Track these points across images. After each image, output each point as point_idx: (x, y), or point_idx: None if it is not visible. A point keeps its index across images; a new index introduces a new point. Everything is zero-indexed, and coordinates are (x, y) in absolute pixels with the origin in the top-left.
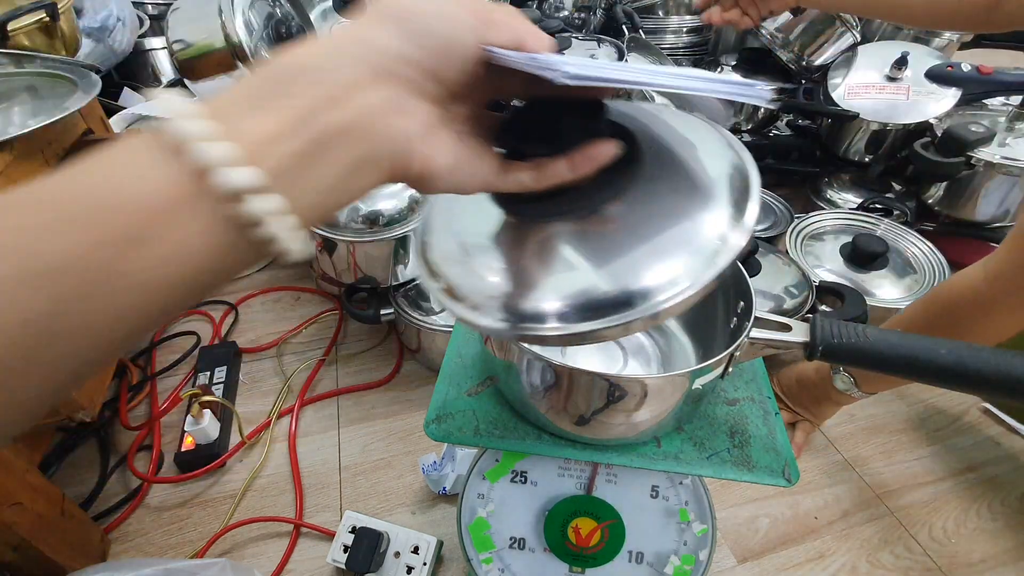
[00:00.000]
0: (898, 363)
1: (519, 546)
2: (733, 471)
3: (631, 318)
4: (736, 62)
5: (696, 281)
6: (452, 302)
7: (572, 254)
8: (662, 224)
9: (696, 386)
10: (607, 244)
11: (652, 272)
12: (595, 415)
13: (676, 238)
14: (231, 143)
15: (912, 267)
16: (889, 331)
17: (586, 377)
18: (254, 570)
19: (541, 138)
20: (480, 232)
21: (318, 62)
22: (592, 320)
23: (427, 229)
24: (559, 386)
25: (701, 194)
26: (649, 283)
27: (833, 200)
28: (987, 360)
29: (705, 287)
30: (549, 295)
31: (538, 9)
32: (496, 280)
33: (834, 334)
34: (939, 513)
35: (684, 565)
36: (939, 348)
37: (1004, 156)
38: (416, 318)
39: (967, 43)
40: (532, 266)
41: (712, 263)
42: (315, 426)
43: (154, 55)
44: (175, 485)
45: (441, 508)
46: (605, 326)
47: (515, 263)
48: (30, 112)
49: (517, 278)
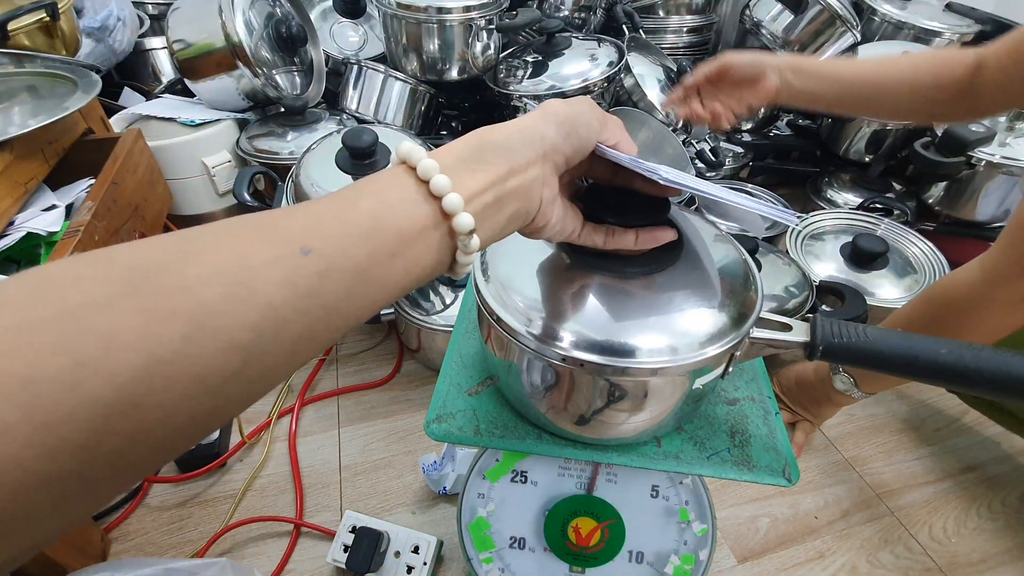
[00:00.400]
0: (899, 363)
1: (519, 546)
2: (733, 471)
3: (614, 364)
4: None
5: (675, 362)
6: (493, 301)
7: (598, 302)
8: (673, 310)
9: (696, 385)
10: (625, 306)
11: (646, 340)
12: (595, 415)
13: (678, 327)
14: (459, 195)
15: (912, 267)
16: (889, 331)
17: (586, 376)
18: (254, 570)
19: (614, 210)
20: (537, 260)
21: (509, 144)
22: (587, 353)
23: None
24: (559, 385)
25: (712, 300)
26: (640, 346)
27: (833, 200)
28: (987, 359)
29: (681, 369)
30: (567, 323)
31: (538, 9)
32: (535, 297)
33: (835, 334)
34: (939, 513)
35: (684, 565)
36: (939, 348)
37: (1004, 156)
38: (416, 318)
39: (967, 43)
40: (565, 298)
41: (694, 355)
42: (315, 426)
43: (154, 55)
44: (175, 485)
45: (441, 508)
46: (594, 361)
47: (555, 291)
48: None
49: (551, 301)
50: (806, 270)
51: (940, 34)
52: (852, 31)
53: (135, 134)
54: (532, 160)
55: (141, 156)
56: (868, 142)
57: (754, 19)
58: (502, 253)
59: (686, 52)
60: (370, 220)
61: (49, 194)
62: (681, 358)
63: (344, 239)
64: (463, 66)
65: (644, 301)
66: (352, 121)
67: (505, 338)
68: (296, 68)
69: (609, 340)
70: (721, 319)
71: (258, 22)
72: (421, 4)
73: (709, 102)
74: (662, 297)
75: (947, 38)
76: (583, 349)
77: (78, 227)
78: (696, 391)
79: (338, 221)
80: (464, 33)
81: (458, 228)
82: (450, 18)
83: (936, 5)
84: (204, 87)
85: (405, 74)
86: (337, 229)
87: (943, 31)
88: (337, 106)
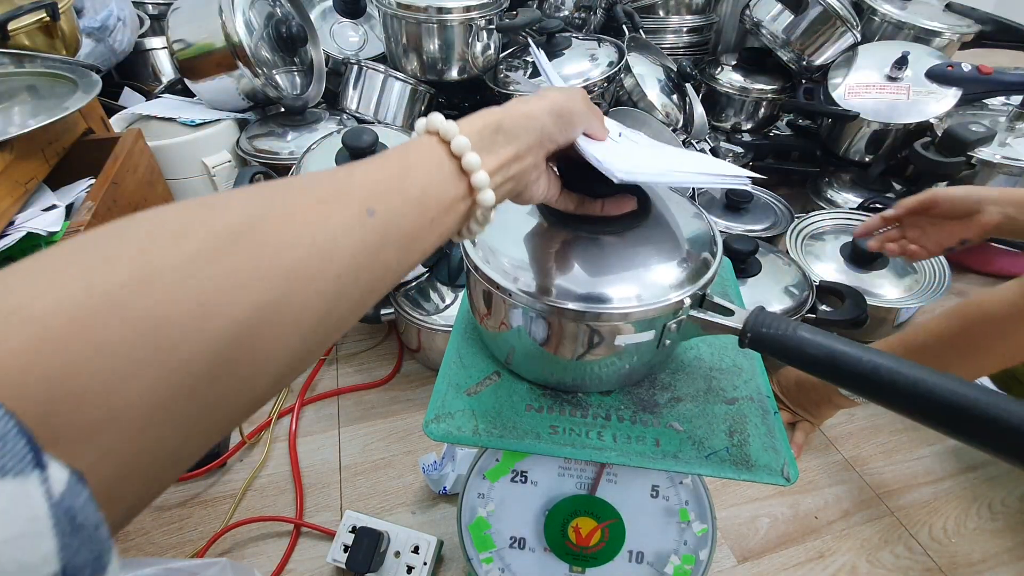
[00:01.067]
0: (820, 364)
1: (519, 546)
2: (732, 470)
3: (587, 310)
4: (736, 62)
5: (641, 305)
6: (484, 264)
7: (573, 256)
8: (639, 262)
9: (619, 343)
10: (598, 258)
11: (616, 289)
12: (580, 356)
13: (643, 277)
14: (487, 174)
15: (912, 267)
16: (821, 332)
17: (570, 323)
18: (254, 570)
19: (586, 180)
20: (519, 226)
21: (517, 131)
22: (564, 301)
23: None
24: (550, 334)
25: (674, 256)
26: (610, 294)
27: (833, 200)
28: (903, 374)
29: (643, 313)
30: (547, 275)
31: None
32: (519, 256)
33: (765, 324)
34: (939, 513)
35: (684, 565)
36: (860, 355)
37: (1004, 156)
38: (416, 318)
39: (967, 43)
40: (545, 255)
41: (657, 302)
42: (315, 426)
43: (154, 55)
44: (175, 484)
45: (441, 508)
46: (571, 308)
47: (535, 250)
48: (30, 112)
49: (533, 259)
50: (806, 270)
51: (940, 34)
52: (852, 31)
53: (135, 134)
54: (532, 147)
55: (141, 156)
56: (868, 142)
57: (754, 19)
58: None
59: (686, 52)
60: (420, 191)
61: (49, 194)
62: (640, 305)
63: (400, 206)
64: (463, 66)
65: (602, 258)
66: (352, 121)
67: (492, 293)
68: (296, 68)
69: (588, 291)
70: (679, 274)
71: (258, 22)
72: (421, 4)
73: (913, 234)
74: (629, 252)
75: (947, 38)
76: (565, 299)
77: (78, 227)
78: (626, 349)
79: (395, 190)
80: (464, 33)
81: (482, 203)
82: (450, 18)
83: (936, 5)
84: (204, 87)
85: (405, 74)
86: (395, 197)
87: (943, 31)
88: (337, 106)
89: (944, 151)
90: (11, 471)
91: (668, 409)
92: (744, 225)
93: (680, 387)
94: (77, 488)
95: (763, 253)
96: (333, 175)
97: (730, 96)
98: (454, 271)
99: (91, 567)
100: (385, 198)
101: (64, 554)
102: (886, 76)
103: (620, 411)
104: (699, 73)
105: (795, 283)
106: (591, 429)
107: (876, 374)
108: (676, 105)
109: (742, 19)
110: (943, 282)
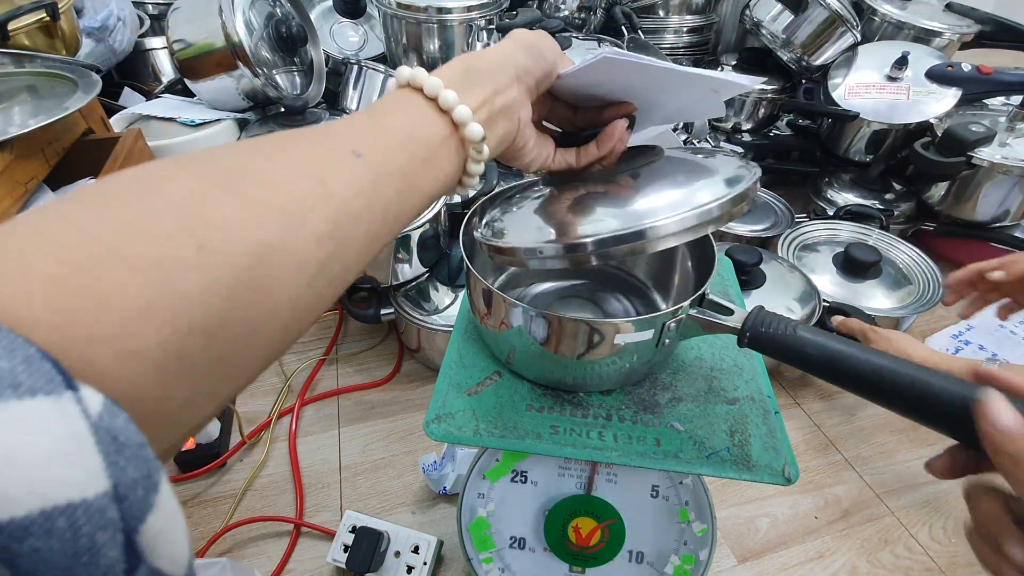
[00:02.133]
0: (820, 365)
1: (519, 546)
2: (733, 470)
3: (625, 235)
4: (736, 62)
5: (681, 221)
6: (496, 240)
7: (590, 202)
8: (666, 189)
9: (618, 342)
10: (617, 198)
11: (648, 215)
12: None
13: (674, 200)
14: (467, 107)
15: (906, 277)
16: (821, 332)
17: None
18: (254, 570)
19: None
20: (532, 199)
21: (491, 69)
22: (595, 239)
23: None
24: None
25: (702, 178)
26: (646, 221)
27: (833, 200)
28: (902, 375)
29: (686, 230)
30: (571, 226)
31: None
32: (538, 222)
33: (764, 324)
34: (939, 513)
35: (684, 565)
36: (860, 355)
37: (1004, 156)
38: (416, 318)
39: (967, 43)
40: (561, 211)
41: (696, 220)
42: (315, 426)
43: (154, 55)
44: (175, 484)
45: (441, 508)
46: (606, 239)
47: (550, 212)
48: (30, 112)
49: (551, 219)
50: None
51: (940, 34)
52: (852, 31)
53: (135, 134)
54: (510, 82)
55: (141, 156)
56: (868, 142)
57: (754, 19)
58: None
59: (686, 52)
60: (403, 131)
61: (49, 194)
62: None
63: (387, 148)
64: None
65: (621, 196)
66: None
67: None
68: (296, 68)
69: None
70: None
71: (258, 22)
72: (421, 4)
73: (1008, 293)
74: (643, 189)
75: (947, 38)
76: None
77: None
78: (626, 348)
79: (377, 132)
80: (464, 33)
81: (470, 136)
82: (450, 18)
83: (936, 5)
84: (204, 87)
85: None
86: (379, 139)
87: (943, 31)
88: (337, 106)
89: (944, 151)
90: (42, 390)
91: (669, 409)
92: (745, 225)
93: (681, 387)
94: (114, 410)
95: (767, 261)
96: (312, 129)
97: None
98: (454, 271)
99: (143, 485)
100: (369, 142)
101: (112, 471)
102: (886, 76)
103: (621, 411)
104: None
105: (800, 295)
106: (592, 429)
107: (876, 375)
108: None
109: (742, 19)
110: (937, 291)
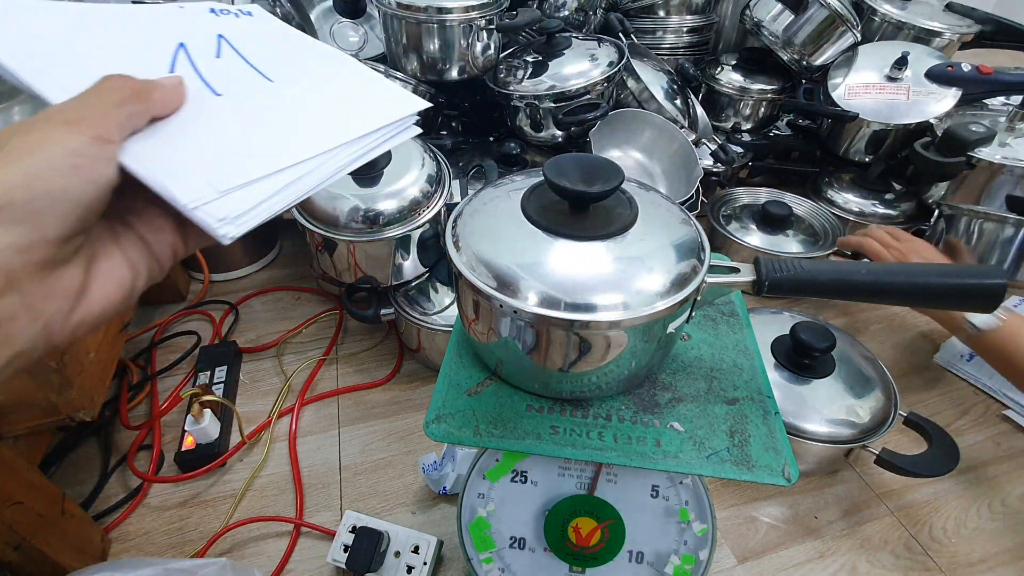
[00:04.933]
0: (829, 287)
1: (519, 546)
2: (733, 470)
3: (572, 318)
4: (736, 62)
5: (626, 317)
6: (469, 272)
7: (570, 266)
8: (631, 271)
9: (670, 329)
10: (586, 265)
11: (600, 297)
12: (573, 364)
13: (624, 284)
14: None
15: (813, 229)
16: (819, 261)
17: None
18: (254, 570)
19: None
20: (506, 230)
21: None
22: (546, 309)
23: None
24: (541, 338)
25: (665, 259)
26: (596, 302)
27: (833, 200)
28: (897, 274)
29: (630, 322)
30: (538, 287)
31: (538, 9)
32: (507, 262)
33: (777, 269)
34: (939, 513)
35: (684, 565)
36: (860, 270)
37: (1004, 156)
38: (416, 318)
39: (967, 43)
40: (541, 267)
41: (644, 310)
42: (315, 426)
43: None
44: (175, 485)
45: (441, 508)
46: (553, 316)
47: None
48: (30, 112)
49: (524, 268)
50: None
51: (940, 34)
52: (852, 31)
53: None
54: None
55: None
56: (868, 142)
57: (754, 19)
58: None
59: (686, 52)
60: None
61: None
62: (637, 312)
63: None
64: (463, 66)
65: (606, 262)
66: None
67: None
68: None
69: (574, 300)
70: (675, 273)
71: None
72: (421, 4)
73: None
74: (622, 259)
75: (947, 38)
76: (551, 307)
77: None
78: (670, 335)
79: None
80: (464, 33)
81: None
82: (450, 18)
83: (936, 5)
84: None
85: (405, 74)
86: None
87: (943, 31)
88: None
89: (944, 151)
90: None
91: (669, 409)
92: (782, 248)
93: (681, 387)
94: None
95: (838, 345)
96: None
97: (730, 96)
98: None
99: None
100: None
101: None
102: (886, 76)
103: (621, 411)
104: (700, 73)
105: (870, 393)
106: (592, 429)
107: (878, 281)
108: (680, 110)
109: (742, 19)
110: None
